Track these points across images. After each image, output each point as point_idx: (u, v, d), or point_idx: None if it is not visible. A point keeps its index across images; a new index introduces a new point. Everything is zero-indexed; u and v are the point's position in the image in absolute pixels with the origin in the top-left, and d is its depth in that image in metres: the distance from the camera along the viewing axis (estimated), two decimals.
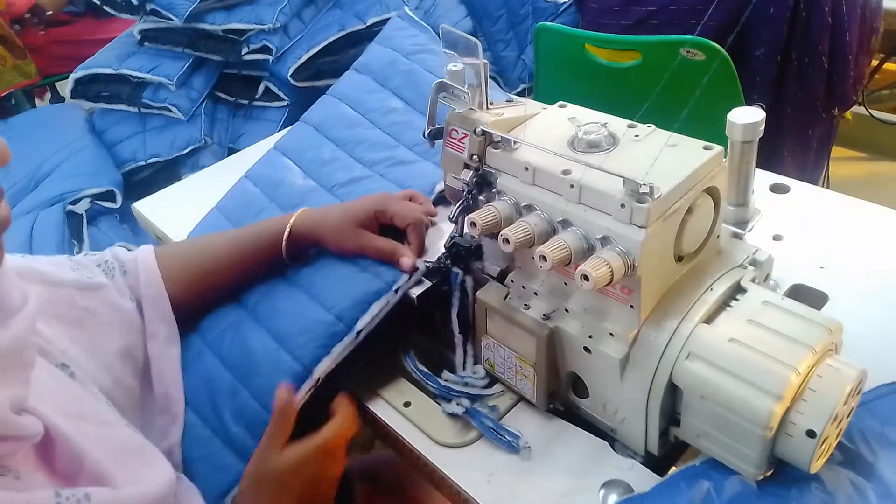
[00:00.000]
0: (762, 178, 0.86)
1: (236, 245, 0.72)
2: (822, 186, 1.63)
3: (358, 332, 0.66)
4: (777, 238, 0.78)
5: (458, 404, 0.64)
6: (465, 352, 0.68)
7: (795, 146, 1.43)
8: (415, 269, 0.68)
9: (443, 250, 0.69)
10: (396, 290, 0.68)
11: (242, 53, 1.69)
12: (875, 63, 1.54)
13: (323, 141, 0.89)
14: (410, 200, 0.76)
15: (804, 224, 0.79)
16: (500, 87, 1.07)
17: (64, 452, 0.47)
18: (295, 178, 0.86)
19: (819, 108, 1.39)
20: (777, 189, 0.85)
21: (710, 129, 0.63)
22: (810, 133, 1.43)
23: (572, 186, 0.54)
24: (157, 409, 0.66)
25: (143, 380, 0.66)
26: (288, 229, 0.71)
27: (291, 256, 0.72)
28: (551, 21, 1.73)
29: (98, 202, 1.62)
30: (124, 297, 0.67)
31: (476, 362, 0.68)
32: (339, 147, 0.87)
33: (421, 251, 0.71)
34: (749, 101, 1.29)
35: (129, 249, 0.72)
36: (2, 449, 0.43)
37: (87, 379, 0.58)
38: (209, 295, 0.73)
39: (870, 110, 1.74)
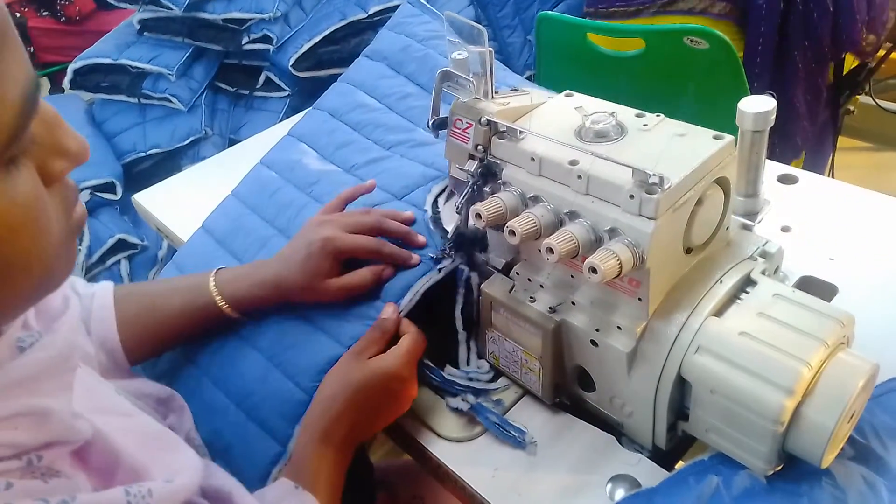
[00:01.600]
0: (770, 169, 0.85)
1: (189, 299, 0.68)
2: (827, 175, 1.62)
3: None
4: (785, 229, 0.77)
5: (463, 400, 0.64)
6: (468, 346, 0.67)
7: (805, 97, 1.39)
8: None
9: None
10: (440, 270, 0.67)
11: (243, 43, 1.67)
12: (882, 53, 1.52)
13: (338, 125, 0.88)
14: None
15: (813, 215, 0.78)
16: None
17: (100, 450, 0.45)
18: (310, 160, 0.86)
19: (826, 55, 1.35)
20: (785, 180, 0.84)
21: (713, 117, 0.62)
22: (819, 83, 1.39)
23: (580, 177, 0.52)
24: (159, 415, 0.65)
25: None
26: (219, 298, 0.66)
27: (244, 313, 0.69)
28: (557, 6, 1.72)
29: (98, 193, 1.60)
30: (80, 331, 0.63)
31: (480, 356, 0.67)
32: (356, 130, 0.86)
33: (400, 259, 0.68)
34: (754, 52, 1.27)
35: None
36: (56, 452, 0.41)
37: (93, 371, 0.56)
38: (160, 347, 0.70)
39: (876, 100, 1.73)
